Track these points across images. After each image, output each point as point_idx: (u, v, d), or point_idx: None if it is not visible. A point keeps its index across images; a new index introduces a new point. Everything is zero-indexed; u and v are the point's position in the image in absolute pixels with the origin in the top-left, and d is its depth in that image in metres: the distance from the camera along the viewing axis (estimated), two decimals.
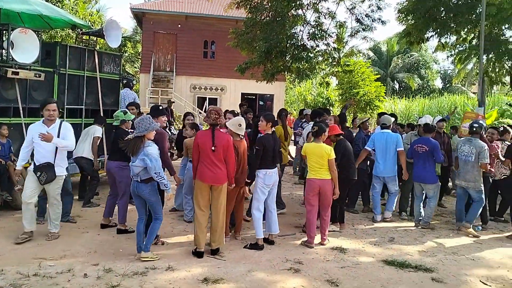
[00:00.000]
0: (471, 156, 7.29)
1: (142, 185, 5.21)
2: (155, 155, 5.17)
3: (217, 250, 5.61)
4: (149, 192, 5.24)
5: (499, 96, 25.52)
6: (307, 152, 6.32)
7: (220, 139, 5.49)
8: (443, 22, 13.47)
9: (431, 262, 5.75)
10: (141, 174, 5.18)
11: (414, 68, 37.60)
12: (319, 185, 6.22)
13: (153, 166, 5.09)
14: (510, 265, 5.89)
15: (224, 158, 5.51)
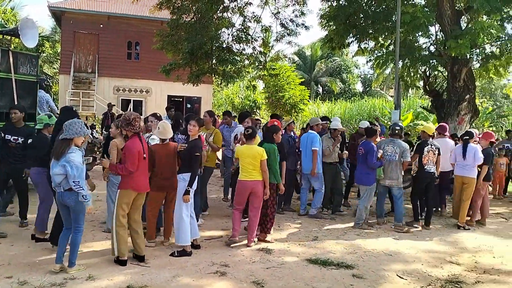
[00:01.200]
0: (395, 156, 7.73)
1: (66, 193, 4.87)
2: (77, 163, 4.83)
3: (143, 257, 5.46)
4: (74, 200, 4.90)
5: (414, 99, 27.19)
6: (240, 154, 6.37)
7: (146, 146, 5.43)
8: (362, 29, 14.11)
9: (352, 259, 5.97)
10: (64, 184, 4.86)
11: (337, 72, 39.02)
12: (251, 186, 6.29)
13: (73, 174, 4.76)
14: (425, 258, 6.25)
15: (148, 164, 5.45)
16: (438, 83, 15.62)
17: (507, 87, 29.90)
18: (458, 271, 5.79)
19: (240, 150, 6.44)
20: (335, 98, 33.85)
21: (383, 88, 33.36)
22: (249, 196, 6.37)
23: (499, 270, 5.95)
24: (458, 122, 12.97)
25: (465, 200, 8.18)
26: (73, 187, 4.80)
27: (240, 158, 6.35)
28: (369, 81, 39.50)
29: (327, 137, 8.69)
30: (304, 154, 8.26)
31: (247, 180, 6.29)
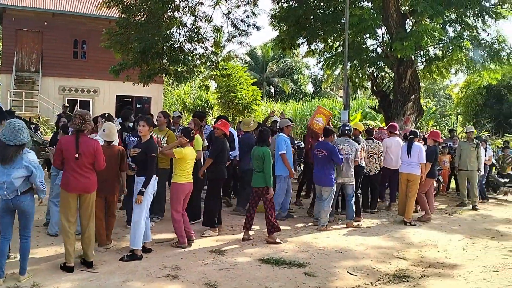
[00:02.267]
0: (351, 154, 7.94)
1: (23, 197, 4.65)
2: (37, 162, 4.73)
3: (91, 262, 5.28)
4: (29, 202, 4.71)
5: (362, 100, 27.90)
6: (185, 156, 6.23)
7: (86, 146, 5.15)
8: (312, 30, 14.34)
9: (304, 258, 6.04)
10: (21, 186, 4.63)
11: (288, 73, 39.45)
12: (189, 188, 6.32)
13: (38, 174, 4.64)
14: (373, 255, 6.42)
15: (92, 166, 5.21)
16: (385, 84, 16.12)
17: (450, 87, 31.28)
18: (405, 266, 5.99)
19: (186, 152, 6.26)
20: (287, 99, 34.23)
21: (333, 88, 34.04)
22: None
23: (443, 263, 6.19)
24: (404, 122, 13.40)
25: (411, 197, 8.46)
26: (40, 186, 4.71)
27: (185, 161, 6.20)
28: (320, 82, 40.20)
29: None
30: (276, 157, 8.22)
31: (188, 182, 6.25)
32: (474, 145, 10.56)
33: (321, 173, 7.69)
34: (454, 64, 14.79)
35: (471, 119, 24.58)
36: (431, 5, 11.38)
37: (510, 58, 13.13)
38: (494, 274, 5.78)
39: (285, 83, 36.53)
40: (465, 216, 9.65)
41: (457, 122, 25.39)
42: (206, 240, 6.69)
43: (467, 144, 10.65)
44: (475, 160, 10.47)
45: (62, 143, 5.15)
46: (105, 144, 5.90)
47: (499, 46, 13.27)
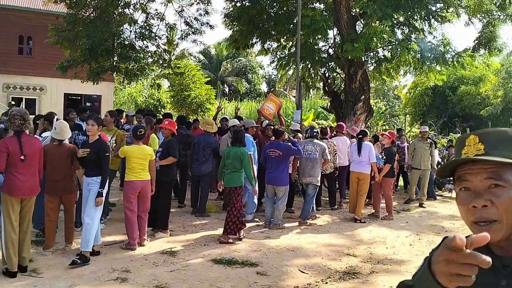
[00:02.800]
0: (315, 154, 8.07)
1: None
2: None
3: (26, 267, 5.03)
4: None
5: (315, 100, 28.32)
6: (129, 154, 6.18)
7: (30, 146, 4.94)
8: (265, 30, 14.42)
9: (257, 257, 6.05)
10: None
11: (242, 72, 39.49)
12: (141, 186, 6.20)
13: None
14: (324, 252, 6.52)
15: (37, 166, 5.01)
16: (336, 84, 16.41)
17: (399, 88, 32.29)
18: (355, 263, 6.11)
19: (129, 150, 6.25)
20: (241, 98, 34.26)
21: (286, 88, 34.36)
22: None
23: (391, 260, 6.36)
24: (355, 122, 13.70)
25: (362, 195, 8.67)
26: None
27: (129, 159, 6.17)
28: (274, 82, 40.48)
29: (227, 137, 8.75)
30: None
31: (136, 180, 6.18)
32: (428, 144, 10.75)
33: (275, 173, 7.69)
34: (402, 66, 15.25)
35: (419, 119, 25.45)
36: (380, 8, 11.67)
37: (454, 60, 13.69)
38: None
39: (239, 82, 36.55)
40: (413, 213, 9.98)
41: (405, 121, 26.23)
42: (157, 241, 6.58)
43: (422, 143, 10.77)
44: (429, 159, 10.64)
45: (3, 145, 4.88)
46: (56, 142, 5.69)
47: (444, 48, 13.81)
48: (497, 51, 14.73)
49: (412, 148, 10.97)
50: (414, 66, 14.90)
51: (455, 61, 13.71)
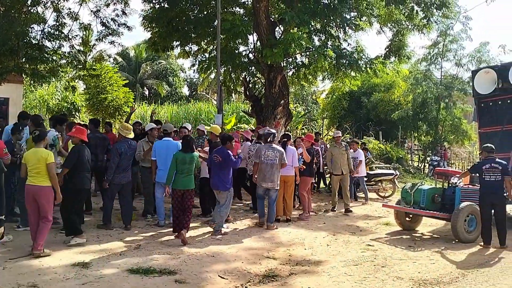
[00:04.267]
0: (276, 160, 8.19)
1: None
2: None
3: None
4: None
5: (237, 104, 28.43)
6: (26, 158, 6.00)
7: None
8: (185, 33, 14.23)
9: (175, 264, 5.89)
10: None
11: (163, 75, 38.65)
12: (33, 191, 5.96)
13: None
14: (244, 256, 6.51)
15: None
16: (257, 89, 16.59)
17: (317, 93, 33.35)
18: (274, 265, 6.16)
19: (27, 154, 6.11)
20: (161, 101, 33.55)
21: (208, 92, 34.17)
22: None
23: (309, 260, 6.49)
24: (275, 126, 13.90)
25: (289, 197, 9.00)
26: None
27: (27, 163, 5.98)
28: (195, 85, 40.11)
29: (144, 141, 8.52)
30: (162, 163, 7.92)
31: (31, 184, 5.96)
32: (344, 148, 10.80)
33: (216, 178, 7.76)
34: (320, 71, 15.77)
35: (336, 123, 26.42)
36: (298, 14, 11.96)
37: (367, 67, 14.36)
38: (354, 268, 6.20)
39: (160, 85, 35.74)
40: (330, 214, 10.29)
41: (323, 125, 27.10)
42: (67, 252, 6.18)
43: (337, 149, 10.77)
44: (346, 162, 10.68)
45: None
46: None
47: (358, 55, 14.45)
48: (406, 58, 15.70)
49: (330, 155, 10.94)
50: (330, 72, 15.45)
51: (368, 68, 14.39)
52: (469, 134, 21.99)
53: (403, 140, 24.55)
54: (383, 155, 19.96)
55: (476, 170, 8.06)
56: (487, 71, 11.46)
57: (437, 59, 21.72)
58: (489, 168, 7.60)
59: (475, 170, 8.10)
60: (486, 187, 7.66)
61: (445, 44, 21.10)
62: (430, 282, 5.68)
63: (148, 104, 31.07)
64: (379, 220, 9.73)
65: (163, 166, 7.88)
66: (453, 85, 21.10)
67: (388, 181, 13.38)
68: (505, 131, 10.82)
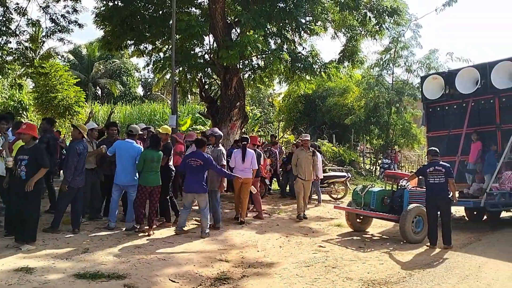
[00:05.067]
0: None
1: None
2: None
3: None
4: None
5: (193, 105, 28.22)
6: None
7: None
8: (139, 32, 13.98)
9: (125, 269, 5.74)
10: None
11: (117, 74, 37.82)
12: None
13: None
14: (196, 259, 6.42)
15: None
16: (213, 90, 16.53)
17: (274, 96, 33.59)
18: (227, 268, 6.12)
19: None
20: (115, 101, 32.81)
21: (164, 92, 33.72)
22: None
23: (262, 263, 6.50)
24: (231, 127, 13.91)
25: (245, 198, 9.11)
26: None
27: None
28: (150, 85, 39.49)
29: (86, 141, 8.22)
30: (121, 164, 7.73)
31: None
32: (311, 153, 10.20)
33: (193, 181, 7.73)
34: (275, 74, 15.89)
35: (291, 126, 26.72)
36: (253, 17, 11.99)
37: (322, 71, 14.59)
38: (305, 269, 6.26)
39: (113, 85, 34.92)
40: (283, 215, 10.36)
41: (279, 128, 27.34)
42: (10, 258, 5.89)
43: (304, 152, 10.13)
44: (312, 169, 10.17)
45: None
46: None
47: (313, 59, 14.67)
48: (359, 63, 16.07)
49: (295, 158, 10.22)
50: (286, 75, 15.59)
51: (323, 72, 14.62)
52: (418, 138, 22.74)
53: (355, 143, 25.12)
54: (336, 158, 20.36)
55: (421, 173, 8.34)
56: (435, 77, 11.93)
57: (389, 64, 22.39)
58: (433, 171, 7.85)
59: (421, 173, 8.38)
60: (431, 189, 7.90)
61: (396, 51, 21.77)
62: (378, 282, 5.82)
63: (101, 104, 30.33)
64: (331, 222, 9.89)
65: (121, 167, 7.71)
66: (404, 90, 21.79)
67: (341, 183, 13.64)
68: (451, 135, 11.29)
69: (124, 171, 7.68)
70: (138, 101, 33.98)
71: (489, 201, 9.35)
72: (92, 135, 8.36)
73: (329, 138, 23.06)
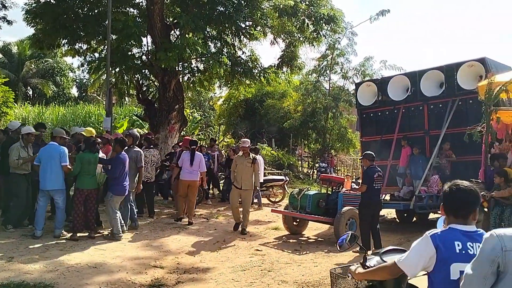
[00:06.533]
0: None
1: None
2: None
3: None
4: None
5: (131, 107, 27.51)
6: None
7: None
8: (73, 31, 13.46)
9: (52, 278, 5.48)
10: None
11: (50, 74, 36.12)
12: None
13: None
14: (130, 266, 6.25)
15: None
16: (151, 92, 16.21)
17: (214, 99, 33.47)
18: (161, 274, 6.00)
19: None
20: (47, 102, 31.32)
21: (100, 94, 32.61)
22: None
23: (197, 268, 6.43)
24: (169, 130, 13.71)
25: (192, 200, 9.44)
26: None
27: None
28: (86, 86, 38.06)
29: (19, 146, 7.72)
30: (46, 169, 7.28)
31: None
32: (250, 160, 8.96)
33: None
34: (215, 78, 15.84)
35: (232, 129, 26.72)
36: (193, 19, 11.91)
37: (261, 75, 14.74)
38: (241, 273, 6.25)
39: (46, 85, 33.31)
40: (221, 219, 10.31)
41: (219, 131, 27.26)
42: None
43: (243, 159, 8.98)
44: (251, 178, 8.94)
45: None
46: None
47: (252, 64, 14.79)
48: (298, 69, 16.38)
49: (234, 165, 9.11)
50: (225, 79, 15.60)
51: (262, 77, 14.77)
52: (353, 143, 23.43)
53: (294, 147, 25.51)
54: (275, 162, 20.57)
55: (368, 180, 7.93)
56: (368, 84, 12.37)
57: (326, 71, 22.93)
58: (377, 177, 7.84)
59: (368, 179, 7.94)
60: (375, 194, 7.84)
61: (333, 57, 22.35)
62: (312, 284, 5.91)
63: (32, 105, 28.85)
64: (269, 225, 9.97)
65: (44, 172, 7.30)
66: (340, 96, 22.39)
67: (279, 186, 13.79)
68: (384, 140, 11.73)
69: (49, 176, 7.26)
70: (72, 102, 32.58)
71: (418, 203, 9.78)
72: (28, 140, 7.83)
73: (269, 142, 23.28)
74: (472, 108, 9.82)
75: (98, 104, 28.95)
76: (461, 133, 8.70)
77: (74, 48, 14.84)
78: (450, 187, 2.49)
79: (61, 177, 7.40)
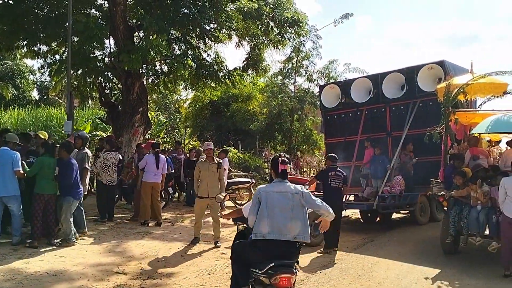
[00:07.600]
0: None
1: None
2: None
3: None
4: None
5: (93, 110, 26.96)
6: None
7: None
8: (32, 32, 13.08)
9: (10, 286, 5.31)
10: None
11: (9, 76, 35.01)
12: None
13: None
14: (92, 273, 6.10)
15: None
16: (114, 95, 15.93)
17: (180, 102, 33.18)
18: (124, 281, 5.89)
19: None
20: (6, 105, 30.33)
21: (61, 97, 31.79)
22: None
23: (161, 273, 6.34)
24: (133, 134, 13.49)
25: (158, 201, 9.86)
26: None
27: None
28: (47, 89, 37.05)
29: None
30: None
31: None
32: (216, 165, 8.25)
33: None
34: (180, 80, 15.71)
35: (198, 132, 26.54)
36: (156, 21, 11.78)
37: (226, 78, 14.71)
38: (206, 278, 6.22)
39: (5, 88, 32.15)
40: (186, 223, 10.23)
41: (185, 134, 27.02)
42: None
43: (207, 164, 8.20)
44: (217, 183, 8.19)
45: None
46: None
47: (217, 66, 14.74)
48: (263, 72, 16.44)
49: (197, 172, 8.26)
50: (190, 81, 15.49)
51: (227, 79, 14.74)
52: (319, 144, 23.66)
53: (260, 149, 25.58)
54: (241, 164, 20.56)
55: (322, 177, 8.44)
56: (332, 86, 12.55)
57: (291, 73, 23.10)
58: (334, 175, 8.10)
59: (321, 177, 8.48)
60: (330, 192, 8.04)
61: (298, 60, 22.53)
62: None
63: None
64: (234, 228, 9.89)
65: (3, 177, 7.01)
66: (305, 99, 22.59)
67: (245, 189, 13.79)
68: (347, 141, 11.92)
69: (1, 182, 6.96)
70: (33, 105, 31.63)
71: (381, 203, 9.96)
72: None
73: (235, 144, 23.25)
74: (432, 109, 10.09)
75: (60, 107, 28.19)
76: (422, 134, 8.91)
77: (34, 50, 14.44)
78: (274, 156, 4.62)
79: (14, 183, 7.11)
